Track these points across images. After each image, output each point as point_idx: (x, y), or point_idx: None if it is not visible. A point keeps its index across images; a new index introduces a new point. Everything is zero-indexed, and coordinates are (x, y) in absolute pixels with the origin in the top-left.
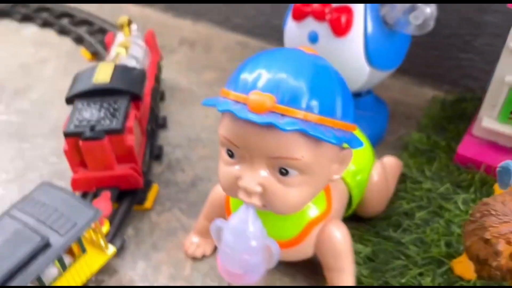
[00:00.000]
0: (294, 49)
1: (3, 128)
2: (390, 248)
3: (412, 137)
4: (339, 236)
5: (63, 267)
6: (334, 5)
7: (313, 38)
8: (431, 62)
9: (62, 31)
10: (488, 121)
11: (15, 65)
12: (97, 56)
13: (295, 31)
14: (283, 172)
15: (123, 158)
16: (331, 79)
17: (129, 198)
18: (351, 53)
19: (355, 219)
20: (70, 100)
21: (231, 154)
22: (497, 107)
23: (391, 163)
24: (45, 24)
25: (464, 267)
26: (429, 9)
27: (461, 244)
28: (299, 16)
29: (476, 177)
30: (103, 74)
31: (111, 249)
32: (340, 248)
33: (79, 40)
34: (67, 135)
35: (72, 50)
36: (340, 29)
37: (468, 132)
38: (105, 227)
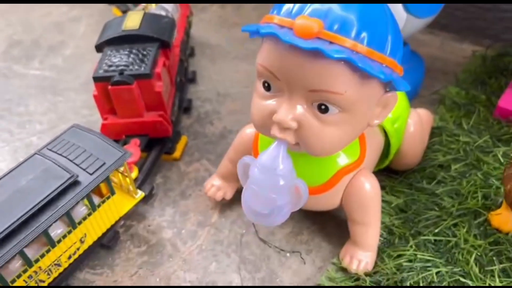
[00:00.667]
0: None
1: (37, 82)
2: (424, 199)
3: (450, 91)
4: (369, 188)
5: (92, 206)
6: None
7: None
8: (472, 15)
9: None
10: None
11: (49, 23)
12: None
13: None
14: (323, 108)
15: (152, 106)
16: (384, 13)
17: (158, 147)
18: None
19: (388, 170)
20: (99, 48)
21: (267, 87)
22: None
23: (424, 114)
24: None
25: (502, 220)
26: None
27: (499, 197)
28: None
29: None
30: (132, 22)
31: (140, 194)
32: (368, 201)
33: None
34: (96, 79)
35: (104, 8)
36: None
37: (511, 85)
38: (134, 173)
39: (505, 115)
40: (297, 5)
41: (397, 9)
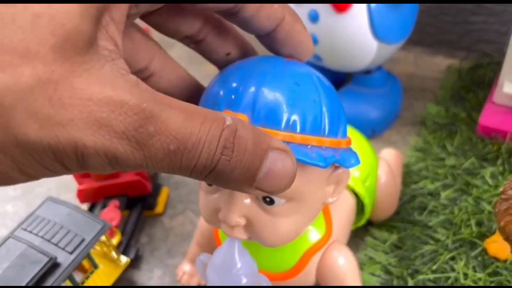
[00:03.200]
0: (271, 57)
1: None
2: (418, 233)
3: (429, 111)
4: (343, 262)
5: (75, 284)
6: None
7: (314, 17)
8: (443, 29)
9: None
10: (509, 86)
11: None
12: None
13: None
14: (268, 200)
15: None
16: (315, 90)
17: (138, 205)
18: (355, 29)
19: None
20: None
21: None
22: None
23: (392, 157)
24: None
25: (498, 247)
26: None
27: (493, 222)
28: None
29: (502, 148)
30: None
31: (124, 260)
32: (344, 275)
33: None
34: None
35: None
36: (341, 4)
37: (489, 100)
38: (117, 238)
39: (487, 132)
40: (221, 98)
41: (367, 38)
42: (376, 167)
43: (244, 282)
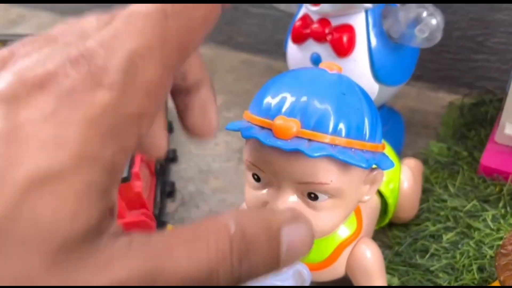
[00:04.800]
0: (317, 69)
1: None
2: (419, 277)
3: (432, 149)
4: (370, 255)
5: None
6: (334, 24)
7: (316, 60)
8: (445, 66)
9: None
10: (511, 127)
11: None
12: None
13: (296, 54)
14: (313, 196)
15: (132, 205)
16: (358, 100)
17: None
18: (357, 73)
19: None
20: None
21: (257, 178)
22: None
23: (413, 165)
24: None
25: None
26: (435, 21)
27: (494, 268)
28: (298, 39)
29: (504, 190)
30: None
31: None
32: (371, 268)
33: None
34: None
35: None
36: (343, 49)
37: (491, 139)
38: None
39: (489, 172)
40: (274, 104)
41: (369, 81)
42: (399, 172)
43: (284, 270)
